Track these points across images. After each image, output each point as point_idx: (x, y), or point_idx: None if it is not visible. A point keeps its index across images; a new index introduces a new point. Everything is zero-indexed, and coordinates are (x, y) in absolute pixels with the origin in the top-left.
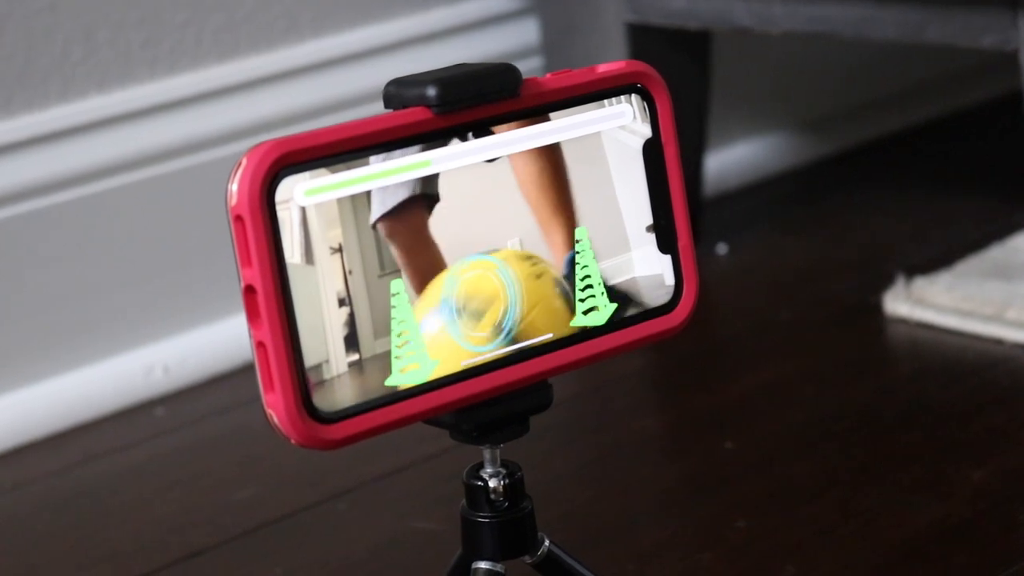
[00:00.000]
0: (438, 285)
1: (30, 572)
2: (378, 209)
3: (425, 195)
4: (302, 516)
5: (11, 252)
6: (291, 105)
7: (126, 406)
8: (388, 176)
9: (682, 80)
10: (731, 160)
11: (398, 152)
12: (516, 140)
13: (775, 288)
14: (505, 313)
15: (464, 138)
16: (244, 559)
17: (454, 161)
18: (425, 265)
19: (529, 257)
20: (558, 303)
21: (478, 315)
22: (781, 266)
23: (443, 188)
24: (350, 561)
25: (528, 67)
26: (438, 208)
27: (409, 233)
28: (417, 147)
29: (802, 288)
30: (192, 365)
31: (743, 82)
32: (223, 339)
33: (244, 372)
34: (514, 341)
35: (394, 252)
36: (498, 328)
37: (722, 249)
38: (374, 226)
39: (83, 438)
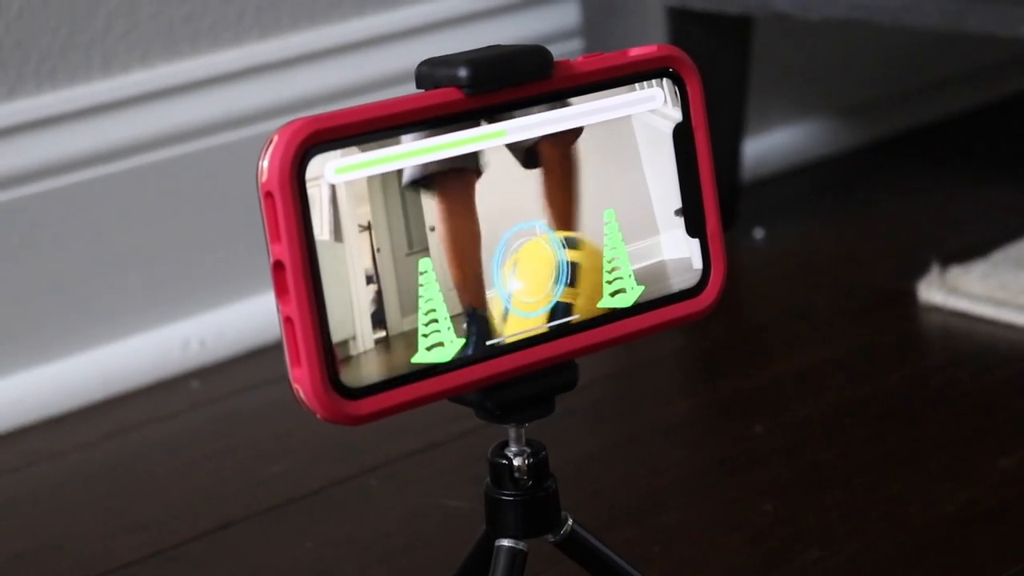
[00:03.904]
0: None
1: (63, 540)
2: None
3: (474, 168)
4: (333, 491)
5: (52, 224)
6: (332, 83)
7: (162, 379)
8: (419, 155)
9: (721, 65)
10: (769, 145)
11: (429, 131)
12: (546, 122)
13: (810, 274)
14: (556, 280)
15: (494, 119)
16: (275, 532)
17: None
18: (465, 233)
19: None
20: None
21: (528, 281)
22: (817, 252)
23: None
24: (380, 536)
25: (567, 50)
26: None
27: (457, 196)
28: (449, 127)
29: (837, 274)
30: (228, 339)
31: (783, 68)
32: (260, 314)
33: (280, 347)
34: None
35: (436, 211)
36: (548, 295)
37: (759, 234)
38: (419, 181)
39: (119, 410)
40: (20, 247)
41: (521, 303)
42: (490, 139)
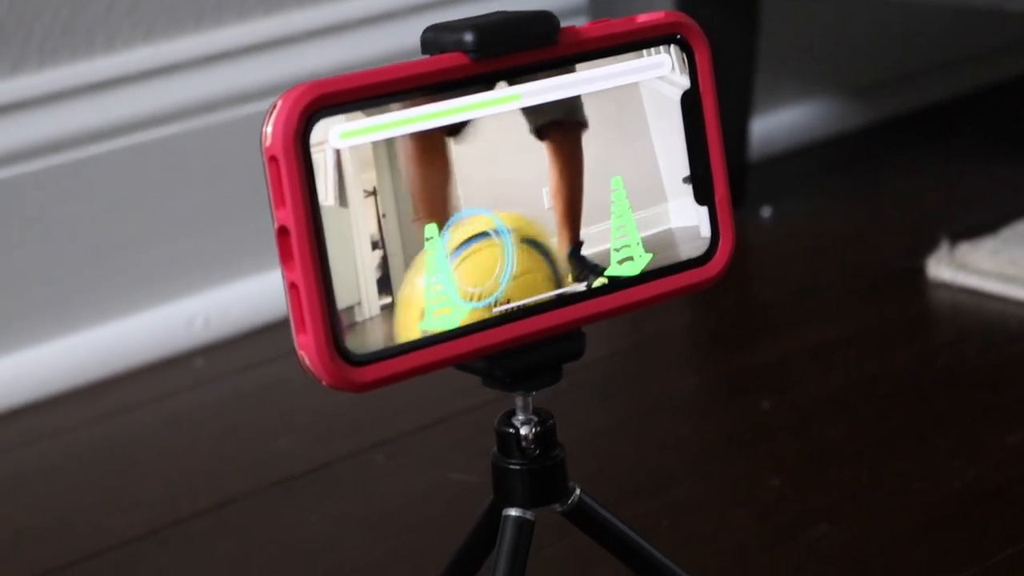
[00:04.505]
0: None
1: (68, 516)
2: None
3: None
4: (339, 467)
5: (55, 201)
6: (336, 59)
7: (167, 356)
8: (424, 120)
9: (729, 42)
10: (777, 124)
11: (435, 96)
12: (553, 88)
13: (818, 251)
14: (501, 270)
15: (501, 84)
16: (281, 507)
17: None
18: (436, 198)
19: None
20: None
21: (474, 272)
22: (825, 230)
23: (476, 134)
24: (387, 511)
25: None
26: (466, 150)
27: (433, 158)
28: (453, 92)
29: (845, 252)
30: (233, 317)
31: (791, 46)
32: (265, 291)
33: (285, 325)
34: (506, 300)
35: (408, 172)
36: (494, 284)
37: (766, 212)
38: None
39: (123, 387)
40: (23, 224)
41: (467, 293)
42: (497, 104)
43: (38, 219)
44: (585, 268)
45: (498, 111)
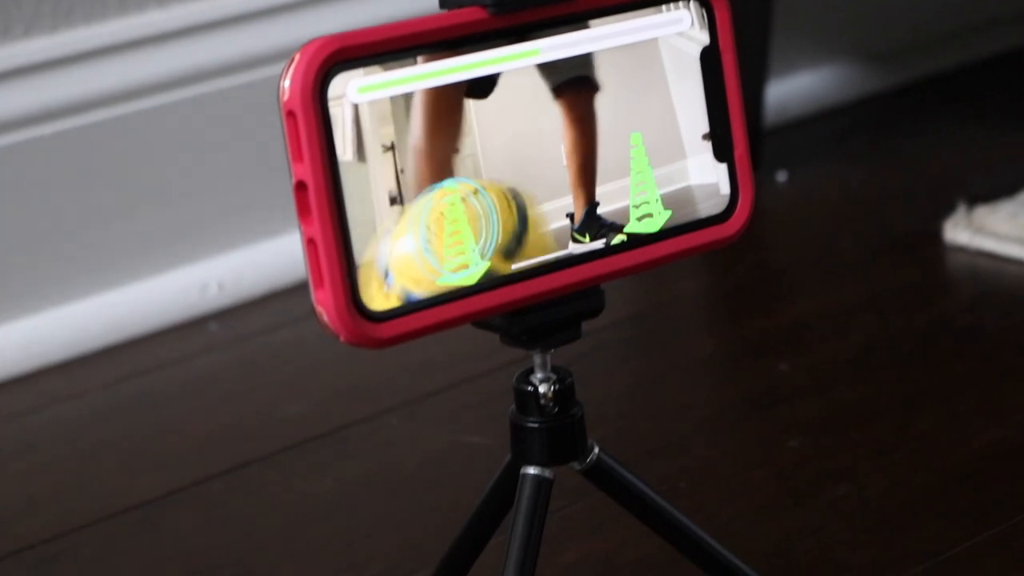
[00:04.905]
0: (416, 211)
1: (81, 479)
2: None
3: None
4: (353, 430)
5: (70, 165)
6: (353, 22)
7: (180, 321)
8: (443, 75)
9: (745, 7)
10: (794, 89)
11: (454, 51)
12: (572, 43)
13: (835, 215)
14: (486, 240)
15: (519, 39)
16: (294, 471)
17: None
18: (440, 154)
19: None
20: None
21: (454, 241)
22: (841, 194)
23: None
24: (401, 474)
25: None
26: (485, 106)
27: (447, 113)
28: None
29: (862, 216)
30: (247, 282)
31: (808, 11)
32: (279, 257)
33: (298, 290)
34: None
35: (418, 123)
36: (480, 254)
37: (782, 177)
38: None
39: (137, 351)
40: (37, 188)
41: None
42: (516, 59)
43: (52, 183)
44: (603, 226)
45: (517, 66)
